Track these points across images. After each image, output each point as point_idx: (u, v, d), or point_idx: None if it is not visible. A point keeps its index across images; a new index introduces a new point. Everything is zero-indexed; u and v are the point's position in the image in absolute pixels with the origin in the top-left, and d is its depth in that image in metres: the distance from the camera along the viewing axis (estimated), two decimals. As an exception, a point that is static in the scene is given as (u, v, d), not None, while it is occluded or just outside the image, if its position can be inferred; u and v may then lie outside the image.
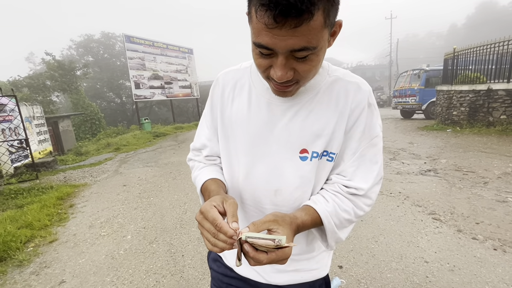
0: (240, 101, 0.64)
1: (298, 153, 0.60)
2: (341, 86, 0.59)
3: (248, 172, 0.63)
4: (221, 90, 0.67)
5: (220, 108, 0.67)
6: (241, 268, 0.71)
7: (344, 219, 0.59)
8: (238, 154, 0.65)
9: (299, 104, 0.59)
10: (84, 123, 16.31)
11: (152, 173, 5.28)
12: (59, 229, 3.02)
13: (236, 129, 0.64)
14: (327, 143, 0.59)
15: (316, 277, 0.70)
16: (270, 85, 0.55)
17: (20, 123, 5.29)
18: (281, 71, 0.48)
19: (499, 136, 6.03)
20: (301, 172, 0.60)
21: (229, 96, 0.66)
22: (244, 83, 0.65)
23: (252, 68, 0.66)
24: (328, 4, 0.43)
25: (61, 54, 26.77)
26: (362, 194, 0.59)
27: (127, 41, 13.75)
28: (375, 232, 2.48)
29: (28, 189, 4.25)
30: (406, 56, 37.83)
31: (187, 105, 28.50)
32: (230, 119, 0.65)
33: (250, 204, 0.66)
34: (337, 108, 0.58)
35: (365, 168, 0.60)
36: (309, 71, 0.50)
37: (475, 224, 2.52)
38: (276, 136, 0.60)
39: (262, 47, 0.46)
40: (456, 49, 8.15)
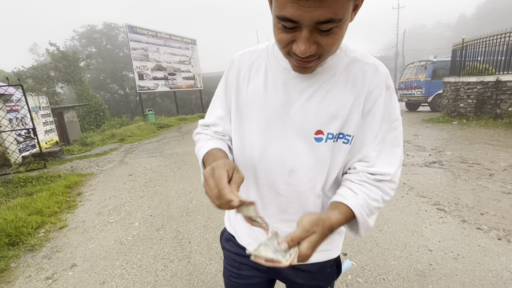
0: (256, 82, 0.64)
1: (313, 134, 0.59)
2: (359, 67, 0.58)
3: (263, 153, 0.63)
4: (236, 71, 0.67)
5: (235, 89, 0.66)
6: (252, 246, 0.72)
7: (374, 208, 0.58)
8: (252, 135, 0.64)
9: (316, 84, 0.59)
10: (88, 114, 16.42)
11: (157, 163, 5.33)
12: (69, 215, 3.09)
13: (251, 110, 0.64)
14: (342, 124, 0.58)
15: (328, 258, 0.72)
16: (291, 61, 0.54)
17: (27, 113, 5.35)
18: (305, 45, 0.47)
19: (507, 128, 5.96)
20: (316, 153, 0.60)
21: (244, 77, 0.65)
22: (260, 64, 0.64)
23: (268, 49, 0.65)
24: None
25: (64, 45, 26.73)
26: (389, 179, 0.59)
27: (130, 32, 13.66)
28: (379, 222, 2.50)
29: (37, 178, 4.33)
30: (412, 47, 37.09)
31: (190, 97, 28.46)
32: (245, 100, 0.65)
33: (264, 184, 0.66)
34: (354, 89, 0.58)
35: (388, 152, 0.59)
36: (332, 44, 0.48)
37: (480, 215, 2.53)
38: (292, 117, 0.60)
39: (286, 20, 0.45)
40: (465, 39, 7.96)
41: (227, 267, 0.80)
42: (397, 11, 29.36)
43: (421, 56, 17.12)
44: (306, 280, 0.72)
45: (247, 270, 0.76)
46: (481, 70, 7.17)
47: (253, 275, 0.76)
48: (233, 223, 0.78)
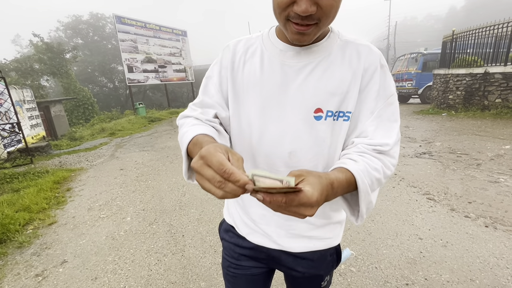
0: (252, 64, 0.63)
1: (312, 113, 0.59)
2: (353, 48, 0.60)
3: (261, 135, 0.62)
4: (231, 54, 0.66)
5: (230, 73, 0.65)
6: (253, 235, 0.71)
7: (375, 179, 0.54)
8: (250, 117, 0.63)
9: (313, 63, 0.59)
10: (76, 108, 15.98)
11: (148, 157, 5.25)
12: (58, 212, 3.02)
13: (248, 92, 0.63)
14: (341, 101, 0.58)
15: (329, 246, 0.71)
16: (289, 28, 0.53)
17: (11, 106, 5.15)
18: (306, 3, 0.48)
19: (493, 119, 6.11)
20: (316, 131, 0.59)
21: (240, 60, 0.65)
22: (256, 48, 0.65)
23: (263, 35, 0.66)
24: None
25: (49, 36, 25.70)
26: (388, 149, 0.58)
27: (118, 22, 13.22)
28: (371, 212, 2.54)
29: (23, 174, 4.21)
30: (404, 39, 37.33)
31: (181, 90, 28.03)
32: (242, 83, 0.64)
33: (264, 169, 0.64)
34: (350, 67, 0.59)
35: (385, 126, 0.59)
36: (331, 6, 0.50)
37: (468, 204, 2.59)
38: (290, 97, 0.59)
39: None
40: (455, 31, 8.04)
41: (226, 258, 0.79)
42: (388, 3, 29.37)
43: (412, 48, 17.24)
44: (306, 268, 0.72)
45: (246, 261, 0.76)
46: (470, 62, 7.28)
47: (252, 265, 0.76)
48: (232, 213, 0.77)
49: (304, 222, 0.67)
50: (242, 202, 0.72)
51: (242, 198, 0.72)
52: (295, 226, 0.67)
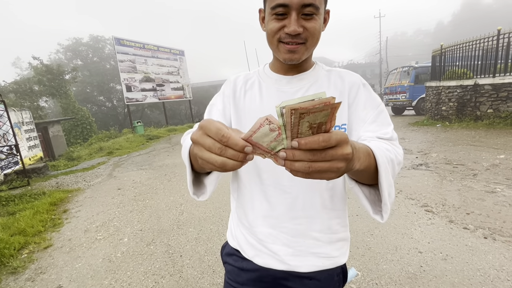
0: (252, 93, 0.72)
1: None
2: (336, 74, 0.71)
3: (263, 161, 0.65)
4: (233, 86, 0.74)
5: (233, 102, 0.72)
6: (260, 257, 0.71)
7: (389, 158, 0.53)
8: None
9: (304, 88, 0.68)
10: (75, 128, 16.03)
11: (146, 175, 5.24)
12: (54, 234, 2.98)
13: (250, 117, 0.70)
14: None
15: (336, 265, 0.72)
16: (281, 49, 0.62)
17: (9, 129, 5.18)
18: (294, 25, 0.58)
19: (487, 129, 6.21)
20: None
21: (241, 90, 0.73)
22: (254, 80, 0.74)
23: (259, 70, 0.76)
24: None
25: (49, 58, 26.25)
26: (389, 136, 0.62)
27: (117, 44, 13.59)
28: (370, 226, 2.53)
29: (20, 196, 4.17)
30: (395, 54, 38.46)
31: (179, 107, 28.31)
32: (244, 109, 0.71)
33: (269, 184, 0.68)
34: (336, 89, 0.68)
35: (380, 126, 0.64)
36: (314, 29, 0.59)
37: (466, 215, 2.60)
38: None
39: (280, 6, 0.57)
40: (443, 46, 8.34)
41: (229, 282, 0.78)
42: (378, 20, 30.54)
43: (404, 62, 17.72)
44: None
45: (251, 286, 0.74)
46: (460, 75, 7.50)
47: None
48: (236, 236, 0.77)
49: (311, 239, 0.68)
50: (248, 222, 0.73)
51: (247, 219, 0.73)
52: (303, 243, 0.69)
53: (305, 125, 0.33)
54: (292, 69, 0.69)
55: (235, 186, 0.78)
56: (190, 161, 0.56)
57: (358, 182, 0.55)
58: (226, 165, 0.36)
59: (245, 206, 0.74)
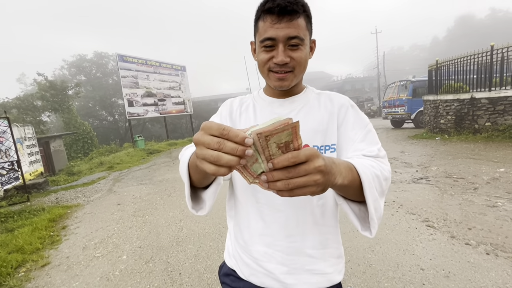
0: (247, 114, 0.76)
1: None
2: (326, 96, 0.75)
3: None
4: (229, 107, 0.79)
5: (230, 121, 0.77)
6: (255, 276, 0.73)
7: (374, 174, 0.55)
8: None
9: (296, 110, 0.73)
10: (76, 142, 16.11)
11: (146, 190, 5.23)
12: (52, 252, 2.94)
13: None
14: (324, 136, 0.69)
15: (331, 283, 0.72)
16: (271, 77, 0.68)
17: (12, 144, 5.23)
18: (282, 55, 0.63)
19: (486, 142, 6.24)
20: None
21: (237, 112, 0.78)
22: (249, 103, 0.79)
23: (254, 94, 0.81)
24: (306, 16, 0.65)
25: (53, 74, 26.79)
26: (375, 154, 0.64)
27: (120, 60, 13.93)
28: (371, 242, 2.51)
29: (19, 212, 4.15)
30: (392, 68, 39.18)
31: (180, 121, 28.55)
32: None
33: (263, 203, 0.71)
34: (326, 110, 0.72)
35: (367, 147, 0.66)
36: (300, 58, 0.65)
37: (468, 230, 2.58)
38: None
39: (268, 39, 0.63)
40: (439, 60, 8.53)
41: None
42: (375, 35, 31.36)
43: (401, 76, 18.02)
44: None
45: None
46: (456, 88, 7.63)
47: None
48: (233, 255, 0.79)
49: (305, 256, 0.70)
50: (243, 241, 0.75)
51: (243, 237, 0.75)
52: (297, 260, 0.70)
53: (274, 146, 0.36)
54: (284, 93, 0.74)
55: (231, 205, 0.80)
56: (189, 175, 0.58)
57: (347, 199, 0.57)
58: (220, 159, 0.36)
59: (241, 225, 0.76)
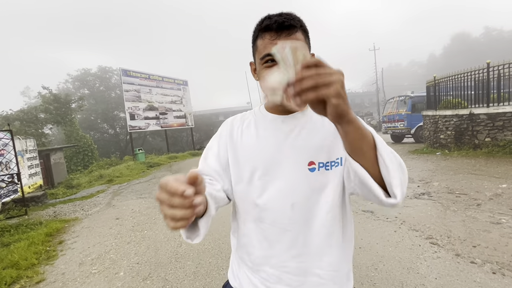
0: (248, 133, 0.75)
1: (306, 166, 0.67)
2: None
3: (263, 192, 0.69)
4: (230, 127, 0.78)
5: (230, 141, 0.75)
6: None
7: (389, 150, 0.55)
8: (253, 178, 0.70)
9: (299, 126, 0.70)
10: (76, 155, 16.12)
11: (146, 204, 5.17)
12: (47, 268, 2.87)
13: (248, 156, 0.72)
14: (329, 152, 0.67)
15: None
16: None
17: (13, 157, 5.24)
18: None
19: (486, 158, 6.23)
20: (313, 182, 0.66)
21: (238, 130, 0.76)
22: (250, 120, 0.77)
23: (255, 110, 0.80)
24: (303, 31, 0.67)
25: (57, 88, 27.23)
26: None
27: (124, 75, 14.21)
28: (374, 260, 2.45)
29: (16, 226, 4.09)
30: (391, 83, 39.85)
31: (181, 134, 28.68)
32: (241, 148, 0.73)
33: (269, 223, 0.69)
34: (331, 125, 0.64)
35: None
36: None
37: (472, 248, 2.52)
38: (285, 155, 0.68)
39: (268, 55, 0.64)
40: (436, 77, 8.69)
41: None
42: (373, 52, 32.13)
43: (400, 91, 18.30)
44: None
45: None
46: (455, 104, 7.71)
47: None
48: (239, 276, 0.77)
49: (314, 276, 0.68)
50: (251, 262, 0.73)
51: (250, 258, 0.73)
52: (305, 281, 0.69)
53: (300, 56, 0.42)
54: (286, 109, 0.72)
55: (235, 226, 0.79)
56: None
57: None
58: (175, 215, 0.39)
59: (247, 245, 0.74)
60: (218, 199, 0.67)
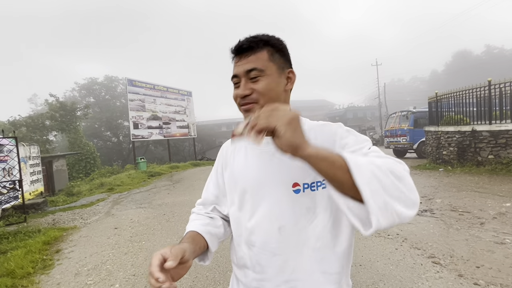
0: (239, 156, 0.77)
1: (291, 187, 0.66)
2: (317, 130, 0.70)
3: (253, 214, 0.70)
4: (225, 150, 0.84)
5: (225, 167, 0.81)
6: None
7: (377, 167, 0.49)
8: (244, 200, 0.72)
9: None
10: (78, 162, 16.20)
11: (145, 214, 5.14)
12: (43, 277, 2.84)
13: (238, 178, 0.74)
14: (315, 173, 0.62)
15: None
16: (241, 111, 0.71)
17: (16, 163, 5.28)
18: (241, 89, 0.69)
19: (490, 175, 6.16)
20: (298, 204, 0.65)
21: (230, 156, 0.80)
22: (241, 145, 0.79)
23: None
24: (272, 49, 0.70)
25: (64, 96, 27.74)
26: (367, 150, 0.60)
27: (130, 85, 14.47)
28: (374, 278, 2.40)
29: (14, 233, 4.07)
30: (394, 98, 40.06)
31: (183, 144, 28.79)
32: (233, 171, 0.77)
33: (258, 247, 0.69)
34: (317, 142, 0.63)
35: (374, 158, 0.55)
36: (262, 88, 0.67)
37: (476, 268, 2.46)
38: (270, 177, 0.69)
39: (233, 77, 0.71)
40: (438, 93, 8.75)
41: None
42: (376, 67, 32.55)
43: (403, 106, 18.38)
44: None
45: None
46: (457, 120, 7.72)
47: None
48: None
49: None
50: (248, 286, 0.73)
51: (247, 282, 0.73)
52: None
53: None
54: None
55: (233, 246, 0.79)
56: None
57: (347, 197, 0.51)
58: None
59: (243, 267, 0.74)
60: (218, 235, 0.77)
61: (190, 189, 7.73)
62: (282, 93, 0.70)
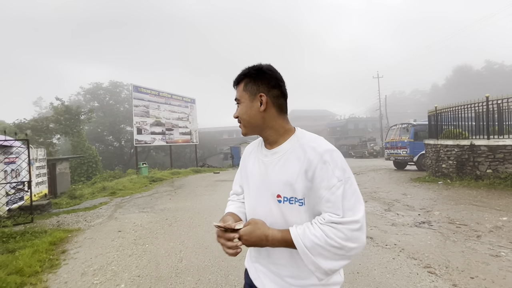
0: (250, 160, 0.98)
1: (275, 197, 0.84)
2: (302, 149, 0.81)
3: (253, 213, 0.91)
4: (244, 153, 1.04)
5: (244, 168, 1.01)
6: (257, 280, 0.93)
7: (315, 243, 0.72)
8: (249, 200, 0.95)
9: (274, 161, 0.86)
10: (80, 166, 16.33)
11: (148, 219, 5.23)
12: (50, 276, 2.93)
13: (249, 181, 0.95)
14: (292, 190, 0.80)
15: None
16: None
17: (25, 165, 5.42)
18: (234, 113, 0.92)
19: (488, 189, 6.24)
20: (281, 211, 0.84)
21: (246, 158, 1.01)
22: (253, 149, 1.01)
23: (259, 140, 0.99)
24: (247, 79, 0.87)
25: (69, 100, 28.12)
26: (337, 220, 0.72)
27: (135, 91, 14.74)
28: (371, 285, 2.48)
29: (21, 233, 4.17)
30: (395, 110, 40.32)
31: (185, 150, 28.95)
32: (246, 173, 0.98)
33: (263, 258, 0.91)
34: (298, 163, 0.79)
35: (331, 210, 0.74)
36: (239, 114, 0.89)
37: (470, 279, 2.55)
38: (263, 184, 0.88)
39: (235, 99, 0.91)
40: (438, 107, 8.91)
41: None
42: (377, 79, 32.94)
43: (404, 118, 18.55)
44: None
45: None
46: (456, 134, 7.85)
47: None
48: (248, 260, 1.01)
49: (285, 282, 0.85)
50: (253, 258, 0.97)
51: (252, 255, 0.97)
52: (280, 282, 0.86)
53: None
54: (270, 143, 0.90)
55: None
56: None
57: None
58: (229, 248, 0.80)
59: None
60: None
61: (191, 195, 7.82)
62: (256, 114, 0.85)
